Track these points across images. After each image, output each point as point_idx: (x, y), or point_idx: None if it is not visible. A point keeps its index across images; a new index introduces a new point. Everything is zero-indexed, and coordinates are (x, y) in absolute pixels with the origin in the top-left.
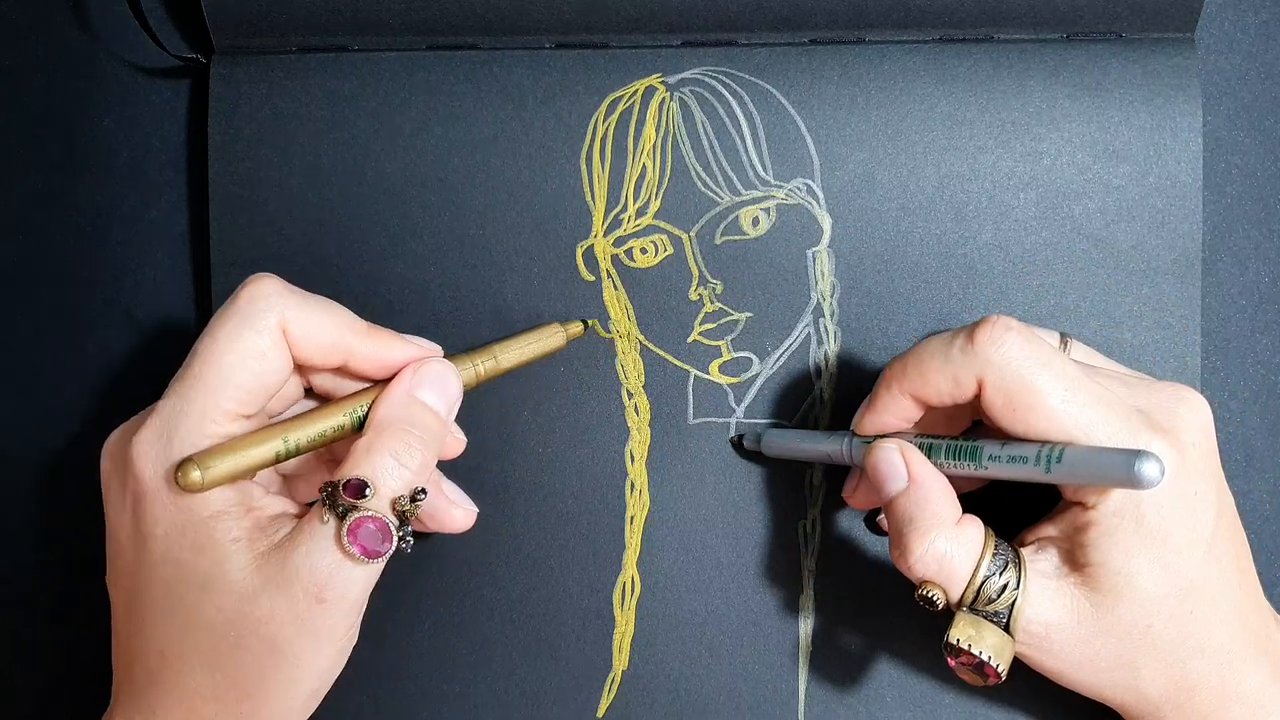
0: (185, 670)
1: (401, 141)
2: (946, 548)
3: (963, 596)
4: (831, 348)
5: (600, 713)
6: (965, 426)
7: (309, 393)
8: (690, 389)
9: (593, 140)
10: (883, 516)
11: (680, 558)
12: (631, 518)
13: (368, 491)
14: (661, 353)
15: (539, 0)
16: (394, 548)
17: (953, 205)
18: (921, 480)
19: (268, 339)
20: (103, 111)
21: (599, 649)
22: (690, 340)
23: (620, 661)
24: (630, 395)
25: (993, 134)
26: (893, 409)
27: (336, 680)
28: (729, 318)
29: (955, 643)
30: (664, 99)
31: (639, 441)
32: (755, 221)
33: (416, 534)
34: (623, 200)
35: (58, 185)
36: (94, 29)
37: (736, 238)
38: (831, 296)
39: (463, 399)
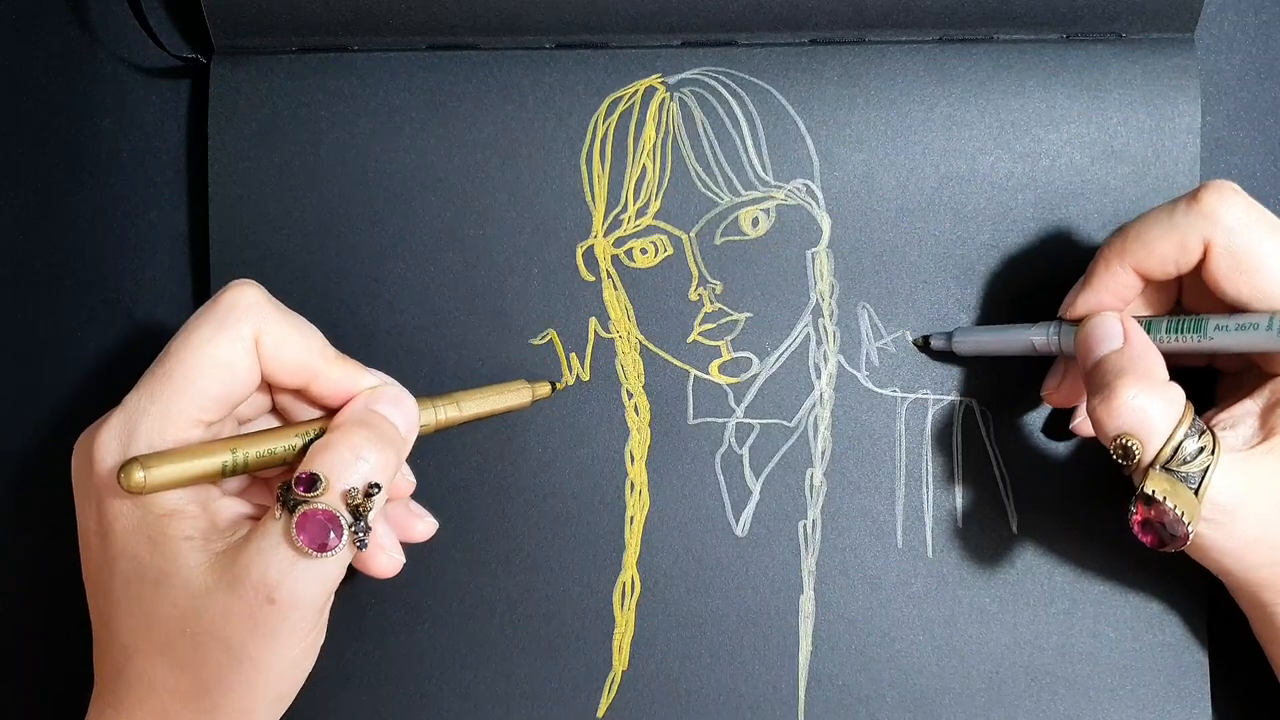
0: (147, 666)
1: (401, 141)
2: (1150, 401)
3: (1159, 454)
4: (831, 348)
5: (600, 713)
6: (1168, 310)
7: (273, 411)
8: (690, 389)
9: (593, 140)
10: (1079, 420)
11: (680, 558)
12: (631, 518)
13: (319, 485)
14: (661, 353)
15: (539, 0)
16: (345, 542)
17: (952, 206)
18: (1136, 340)
19: (240, 348)
20: (103, 112)
21: (599, 649)
22: (690, 340)
23: (620, 661)
24: (630, 395)
25: (992, 135)
26: (1110, 285)
27: (337, 680)
28: (729, 318)
29: (1150, 493)
30: (664, 99)
31: (639, 441)
32: (755, 222)
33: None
34: (623, 200)
35: (58, 185)
36: (94, 29)
37: (736, 238)
38: (831, 297)
39: (422, 439)
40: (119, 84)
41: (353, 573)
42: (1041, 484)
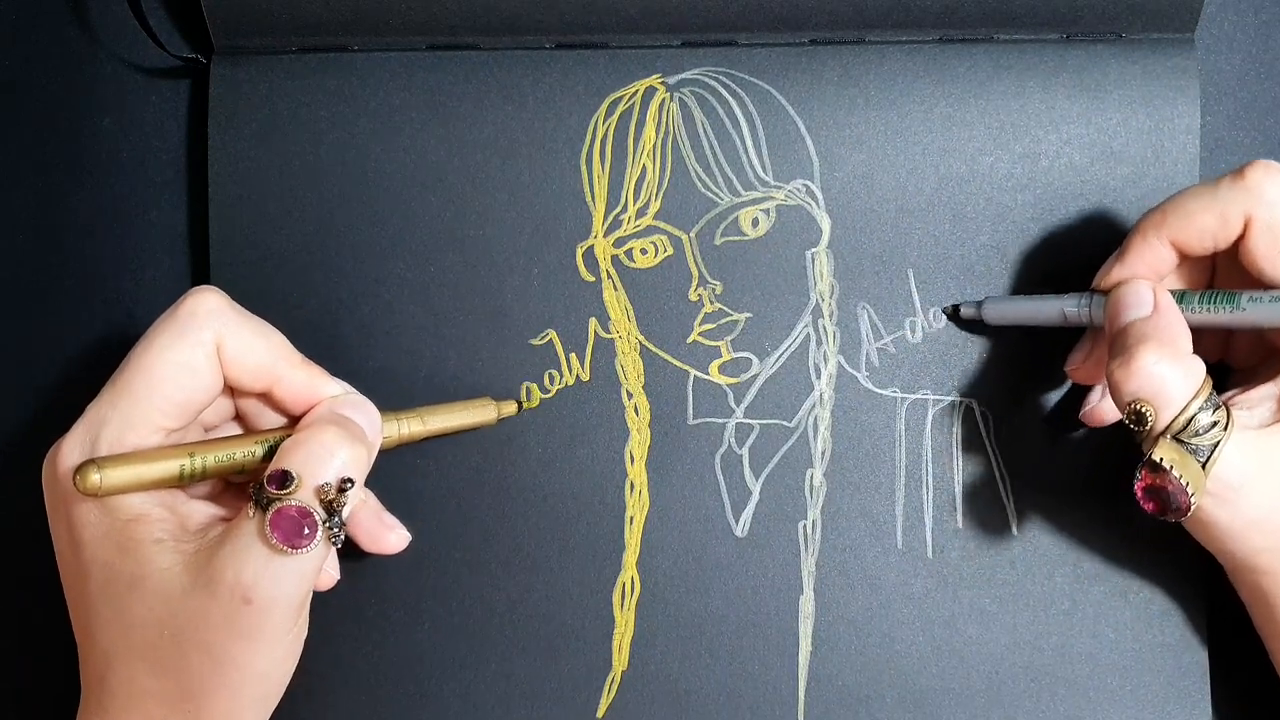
0: (128, 671)
1: (401, 141)
2: (1170, 369)
3: (1172, 423)
4: (831, 348)
5: (600, 713)
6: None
7: (237, 418)
8: (690, 389)
9: (593, 141)
10: (1089, 408)
11: (680, 558)
12: (631, 518)
13: (291, 482)
14: (661, 353)
15: (539, 0)
16: (319, 539)
17: (951, 206)
18: (1165, 309)
19: (201, 354)
20: (103, 111)
21: (599, 649)
22: (690, 340)
23: (620, 661)
24: (630, 395)
25: (991, 135)
26: (1147, 258)
27: (337, 680)
28: (728, 318)
29: (1158, 461)
30: (664, 99)
31: (639, 442)
32: (755, 222)
33: (365, 553)
34: (623, 201)
35: (58, 185)
36: (94, 29)
37: (736, 238)
38: (830, 297)
39: (384, 452)
40: (119, 84)
41: (350, 574)
42: (1041, 484)
